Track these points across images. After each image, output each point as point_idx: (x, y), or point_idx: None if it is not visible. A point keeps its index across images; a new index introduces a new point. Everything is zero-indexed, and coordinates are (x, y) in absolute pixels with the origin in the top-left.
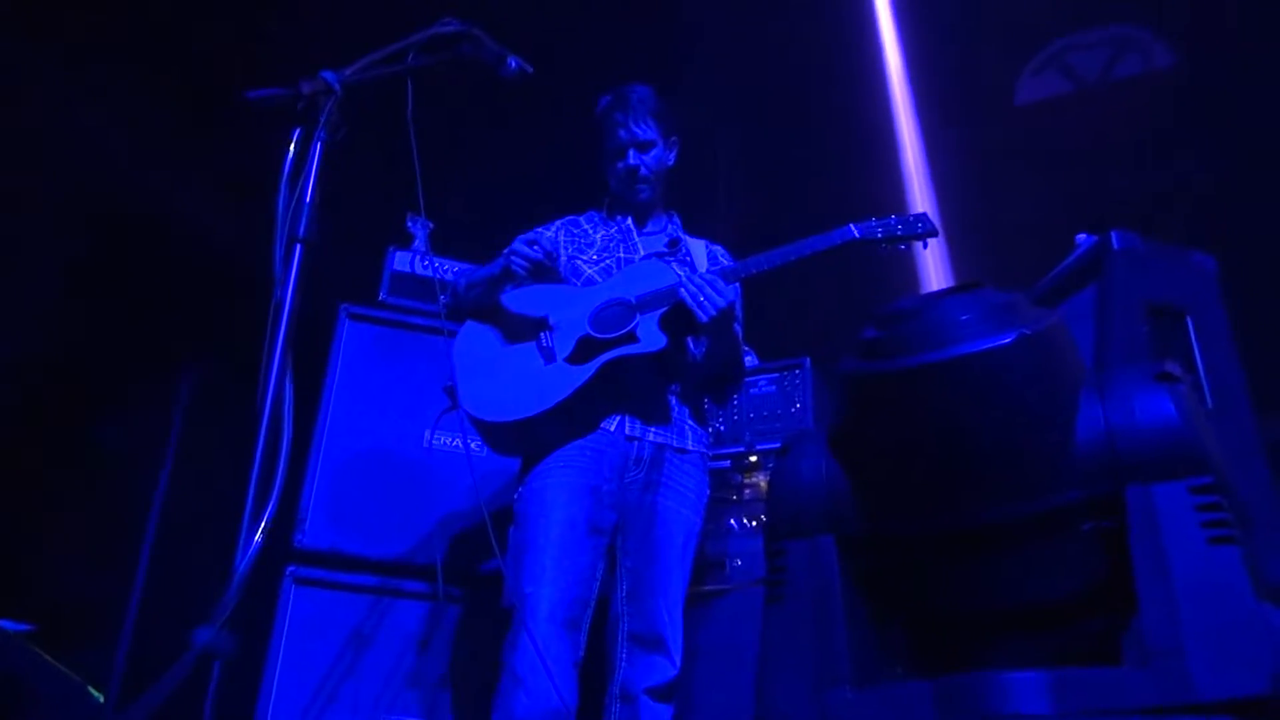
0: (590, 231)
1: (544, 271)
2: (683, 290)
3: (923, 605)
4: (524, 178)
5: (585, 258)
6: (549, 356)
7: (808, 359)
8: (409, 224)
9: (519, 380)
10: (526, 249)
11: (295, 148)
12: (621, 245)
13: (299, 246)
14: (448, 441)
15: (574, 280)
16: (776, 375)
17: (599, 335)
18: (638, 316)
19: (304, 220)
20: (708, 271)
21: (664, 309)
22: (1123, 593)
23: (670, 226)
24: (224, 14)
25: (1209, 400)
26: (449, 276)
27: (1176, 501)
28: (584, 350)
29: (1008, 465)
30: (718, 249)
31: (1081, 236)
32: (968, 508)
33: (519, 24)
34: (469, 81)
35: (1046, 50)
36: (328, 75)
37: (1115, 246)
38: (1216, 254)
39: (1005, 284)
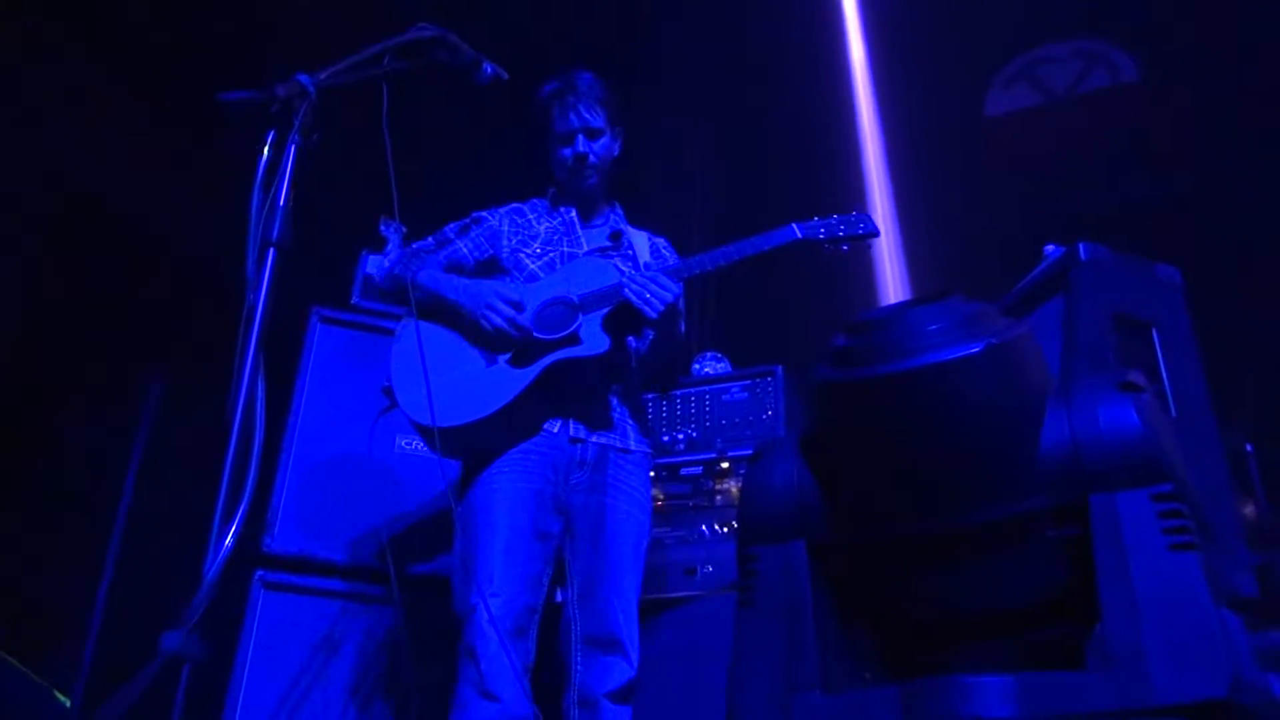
0: (534, 222)
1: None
2: (628, 290)
3: (892, 611)
4: (497, 181)
5: (529, 250)
6: (490, 359)
7: (780, 367)
8: (382, 227)
9: (461, 383)
10: (510, 312)
11: (269, 151)
12: (565, 239)
13: (272, 250)
14: (417, 446)
15: (517, 274)
16: (749, 382)
17: (541, 336)
18: (580, 317)
19: (277, 224)
20: (652, 268)
21: (606, 309)
22: (1087, 599)
23: (613, 218)
24: (195, 14)
25: (1173, 410)
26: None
27: (1139, 509)
28: (526, 352)
29: (975, 473)
30: (660, 241)
31: (1050, 247)
32: (936, 514)
33: (493, 30)
34: (444, 86)
35: (1016, 63)
36: (302, 78)
37: (1082, 258)
38: (1182, 266)
39: (974, 293)
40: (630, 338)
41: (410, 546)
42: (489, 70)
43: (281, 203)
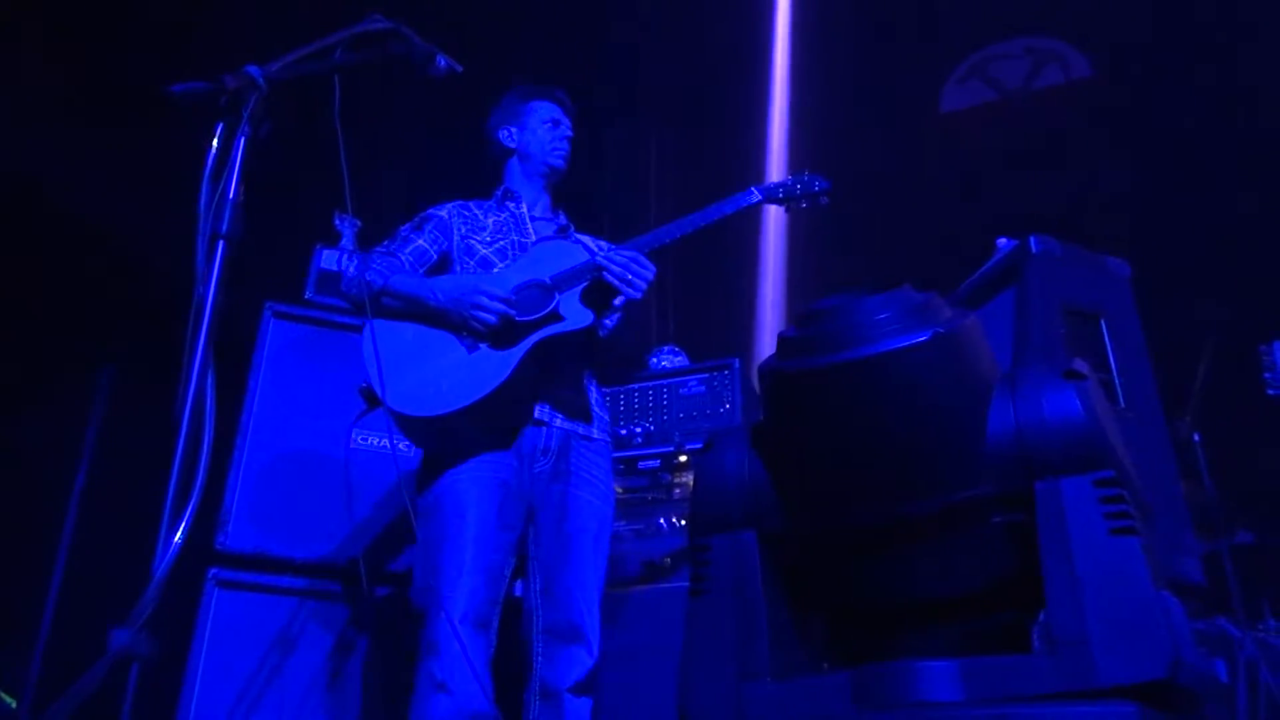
0: (481, 216)
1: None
2: (608, 272)
3: (841, 598)
4: (451, 175)
5: (479, 238)
6: (471, 346)
7: (737, 360)
8: (336, 222)
9: (447, 372)
10: (501, 307)
11: (218, 143)
12: (514, 229)
13: (221, 243)
14: (373, 441)
15: (467, 259)
16: (706, 375)
17: (520, 317)
18: (556, 295)
19: (226, 216)
20: (624, 247)
21: (583, 284)
22: (1033, 584)
23: (560, 217)
24: (142, 5)
25: (1121, 400)
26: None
27: (1081, 494)
28: (506, 335)
29: (922, 460)
30: (603, 242)
31: (1002, 240)
32: (884, 502)
33: (450, 25)
34: (397, 79)
35: (969, 60)
36: (252, 70)
37: (1033, 250)
38: (1130, 258)
39: (927, 286)
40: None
41: (369, 543)
42: (442, 64)
43: (231, 195)
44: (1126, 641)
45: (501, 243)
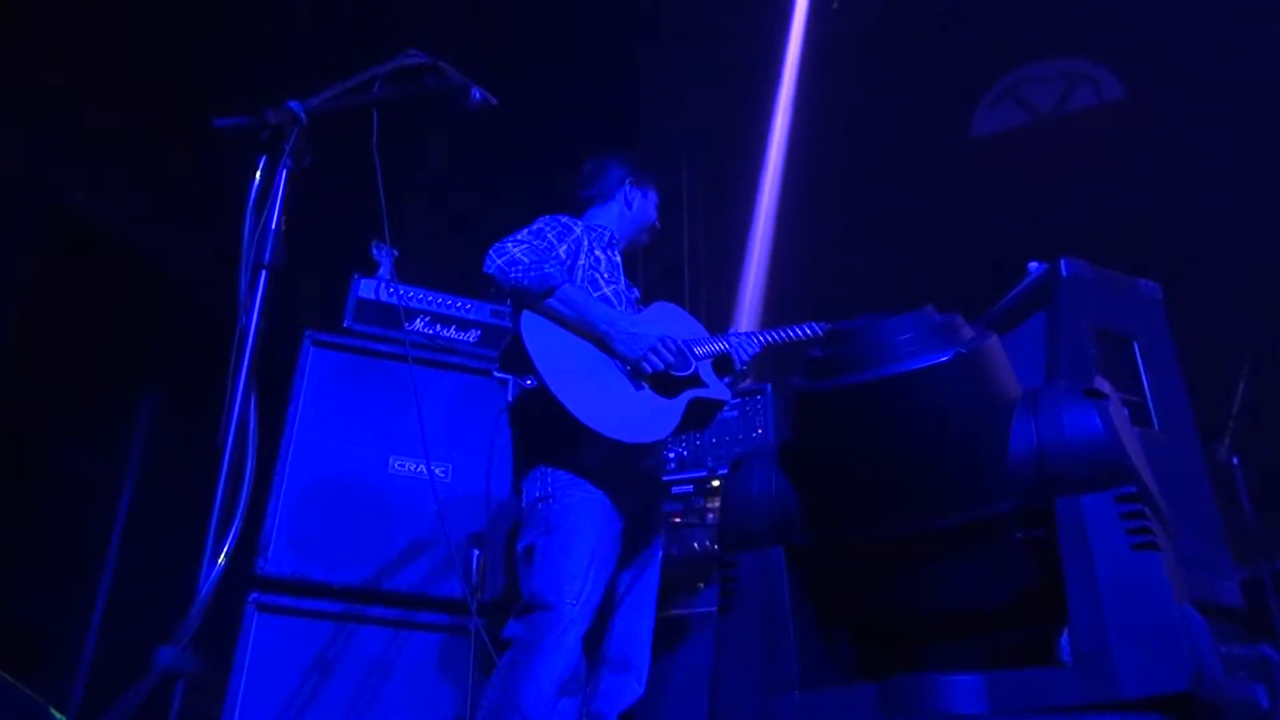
0: (596, 247)
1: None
2: (737, 355)
3: (867, 612)
4: (487, 206)
5: (601, 273)
6: (636, 382)
7: (769, 385)
8: (374, 251)
9: (623, 401)
10: (670, 358)
11: (260, 175)
12: (620, 278)
13: (264, 273)
14: (411, 468)
15: (590, 290)
16: (739, 401)
17: (677, 372)
18: (693, 361)
19: (269, 246)
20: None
21: (713, 357)
22: (1057, 599)
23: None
24: (189, 40)
25: (1155, 422)
26: (415, 305)
27: (1102, 511)
28: (664, 384)
29: (944, 477)
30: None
31: (1033, 264)
32: (907, 518)
33: (488, 58)
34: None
35: (1001, 83)
36: (293, 104)
37: (1064, 274)
38: (1165, 280)
39: (963, 310)
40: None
41: (414, 569)
42: (477, 96)
43: (273, 226)
44: (1148, 654)
45: (616, 286)
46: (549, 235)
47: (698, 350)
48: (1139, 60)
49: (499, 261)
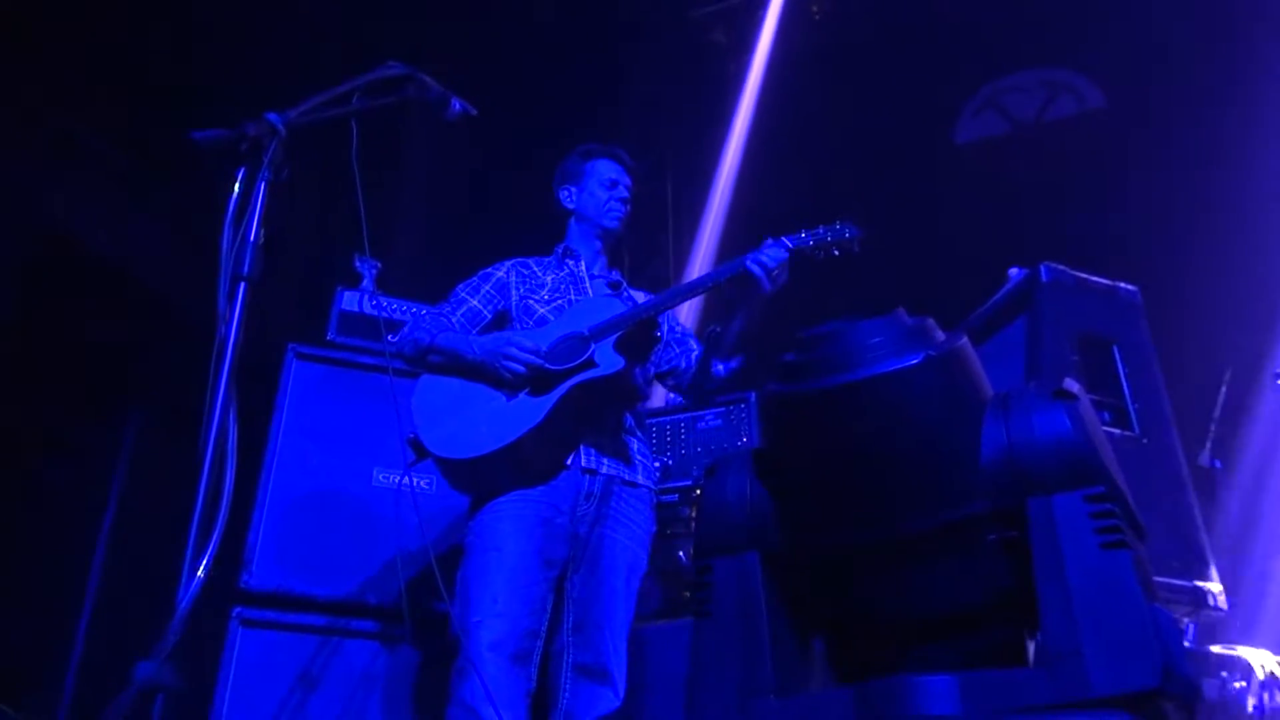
0: (540, 274)
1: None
2: (750, 263)
3: (843, 615)
4: (469, 218)
5: (537, 297)
6: (511, 395)
7: (753, 394)
8: (357, 264)
9: (484, 418)
10: (529, 356)
11: (239, 187)
12: (572, 287)
13: (243, 284)
14: (394, 480)
15: (526, 320)
16: (723, 410)
17: (552, 366)
18: (592, 345)
19: (248, 258)
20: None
21: (617, 334)
22: (1029, 599)
23: (614, 274)
24: (162, 51)
25: (1135, 426)
26: (399, 316)
27: (1072, 510)
28: (543, 383)
29: (917, 480)
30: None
31: (1013, 270)
32: (880, 521)
33: (468, 69)
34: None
35: (985, 91)
36: (272, 117)
37: (1044, 279)
38: (1146, 288)
39: (942, 316)
40: (637, 367)
41: (397, 581)
42: (457, 107)
43: (252, 238)
44: (1119, 652)
45: (559, 301)
46: (461, 295)
47: (588, 333)
48: (1120, 70)
49: (396, 345)
